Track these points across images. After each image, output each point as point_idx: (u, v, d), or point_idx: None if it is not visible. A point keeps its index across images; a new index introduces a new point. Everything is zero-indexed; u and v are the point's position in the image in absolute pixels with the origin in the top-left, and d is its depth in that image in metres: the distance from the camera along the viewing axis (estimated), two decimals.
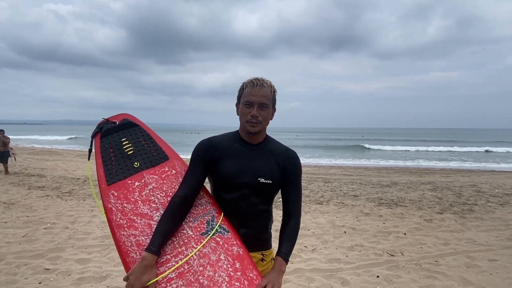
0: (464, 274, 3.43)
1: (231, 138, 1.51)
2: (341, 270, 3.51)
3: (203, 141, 1.52)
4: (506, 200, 7.34)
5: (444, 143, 41.15)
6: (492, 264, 3.70)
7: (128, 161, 1.59)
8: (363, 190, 8.51)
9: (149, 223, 1.40)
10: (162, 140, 1.74)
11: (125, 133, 1.70)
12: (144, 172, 1.57)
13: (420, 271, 3.50)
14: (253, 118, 1.41)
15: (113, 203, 1.45)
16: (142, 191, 1.50)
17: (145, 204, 1.46)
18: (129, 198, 1.47)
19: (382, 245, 4.32)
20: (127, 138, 1.68)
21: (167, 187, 1.53)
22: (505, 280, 3.29)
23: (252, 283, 1.31)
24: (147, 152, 1.65)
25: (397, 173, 12.81)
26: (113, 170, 1.55)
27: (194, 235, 1.40)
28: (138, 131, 1.73)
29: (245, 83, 1.46)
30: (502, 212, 6.22)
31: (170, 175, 1.58)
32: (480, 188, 8.95)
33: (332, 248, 4.18)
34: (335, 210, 6.30)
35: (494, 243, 4.40)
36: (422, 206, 6.70)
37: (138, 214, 1.43)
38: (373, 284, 3.19)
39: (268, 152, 1.51)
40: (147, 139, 1.71)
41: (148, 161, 1.61)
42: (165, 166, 1.61)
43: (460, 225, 5.29)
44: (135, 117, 1.80)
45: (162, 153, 1.67)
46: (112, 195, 1.47)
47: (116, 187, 1.50)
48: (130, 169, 1.57)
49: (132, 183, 1.52)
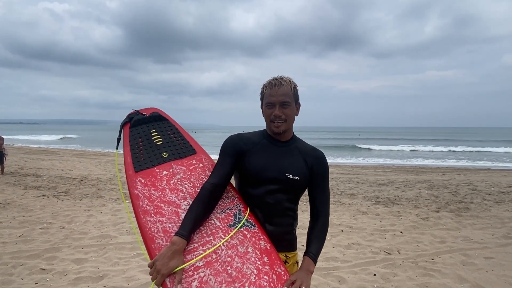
0: (460, 271, 3.45)
1: (260, 135, 1.54)
2: (338, 269, 3.52)
3: (232, 135, 1.55)
4: (501, 198, 7.39)
5: (441, 142, 41.36)
6: (488, 262, 3.72)
7: (157, 151, 1.63)
8: (360, 189, 8.54)
9: (176, 211, 1.40)
10: (190, 136, 1.79)
11: (154, 125, 1.75)
12: (172, 162, 1.59)
13: (416, 269, 3.51)
14: (276, 118, 1.43)
15: (140, 189, 1.45)
16: (170, 180, 1.52)
17: (173, 192, 1.47)
18: (157, 185, 1.48)
19: (379, 243, 4.33)
20: (156, 130, 1.72)
21: (194, 179, 1.55)
22: (500, 278, 3.32)
23: (281, 278, 1.28)
24: (176, 145, 1.69)
25: (393, 172, 12.86)
26: (141, 158, 1.58)
27: (222, 226, 1.39)
28: (167, 124, 1.78)
29: (265, 84, 1.48)
30: (498, 210, 6.27)
31: (198, 168, 1.61)
32: (476, 186, 9.00)
33: (329, 246, 4.19)
34: (332, 208, 6.31)
35: (490, 241, 4.43)
36: (418, 204, 6.73)
37: (166, 201, 1.43)
38: (370, 282, 3.20)
39: (295, 150, 1.52)
40: (176, 133, 1.76)
41: (176, 153, 1.65)
42: (193, 159, 1.64)
43: (456, 223, 5.32)
44: (164, 112, 1.85)
45: (190, 147, 1.70)
46: (140, 181, 1.48)
47: (143, 174, 1.51)
48: (159, 158, 1.60)
49: (160, 171, 1.54)
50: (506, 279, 3.28)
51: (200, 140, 2.13)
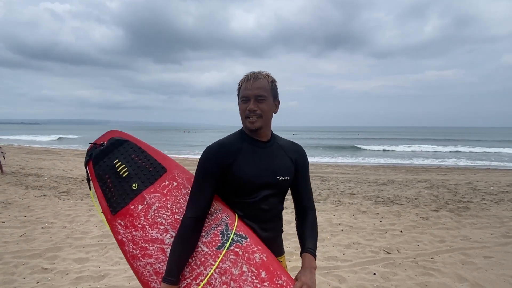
0: (460, 271, 3.45)
1: (239, 138, 1.40)
2: (338, 268, 3.52)
3: (211, 147, 1.36)
4: (501, 197, 7.39)
5: (440, 141, 41.33)
6: (487, 261, 3.72)
7: (126, 184, 1.48)
8: (360, 188, 8.54)
9: (161, 247, 1.33)
10: (156, 150, 1.61)
11: (115, 153, 1.57)
12: (144, 192, 1.46)
13: (416, 268, 3.52)
14: (251, 113, 1.32)
15: (122, 234, 1.37)
16: (147, 214, 1.40)
17: (153, 228, 1.37)
18: (136, 224, 1.38)
19: (378, 242, 4.33)
20: (119, 159, 1.55)
21: (171, 204, 1.42)
22: (500, 277, 3.32)
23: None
24: (143, 169, 1.53)
25: (393, 171, 12.86)
26: (113, 198, 1.46)
27: (210, 251, 1.29)
28: (129, 147, 1.60)
29: (242, 79, 1.38)
30: (497, 209, 6.26)
31: (172, 189, 1.47)
32: (475, 185, 9.00)
33: (329, 246, 4.19)
34: (332, 208, 6.31)
35: (489, 240, 4.43)
36: (418, 204, 6.73)
37: (149, 240, 1.34)
38: (370, 282, 3.20)
39: (279, 149, 1.43)
40: (140, 153, 1.58)
41: (146, 179, 1.50)
42: (165, 180, 1.49)
43: (455, 222, 5.32)
44: (122, 132, 1.66)
45: (159, 166, 1.53)
46: (120, 225, 1.39)
47: (121, 216, 1.41)
48: (130, 192, 1.47)
49: (135, 207, 1.43)
50: (506, 278, 3.28)
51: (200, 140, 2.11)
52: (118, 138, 1.61)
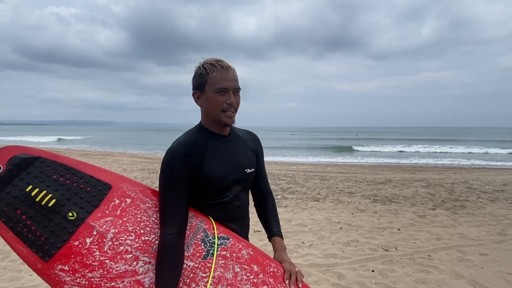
0: (456, 268, 3.44)
1: (201, 135, 1.25)
2: (337, 265, 3.52)
3: (175, 150, 1.17)
4: (496, 196, 7.37)
5: (436, 141, 41.31)
6: (483, 258, 3.71)
7: (57, 216, 1.10)
8: (358, 187, 8.53)
9: (136, 280, 1.07)
10: (88, 164, 1.24)
11: (25, 178, 1.13)
12: (89, 220, 1.12)
13: (413, 265, 3.51)
14: (230, 107, 1.19)
15: (70, 282, 1.04)
16: (102, 246, 1.09)
17: (116, 260, 1.08)
18: (90, 263, 1.06)
19: (377, 240, 4.32)
20: (33, 184, 1.13)
21: (132, 225, 1.14)
22: (495, 274, 3.31)
23: (276, 276, 1.19)
24: (77, 191, 1.16)
25: (391, 171, 12.84)
26: (40, 239, 1.07)
27: (197, 264, 1.14)
28: (44, 165, 1.17)
29: (208, 66, 1.18)
30: (493, 207, 6.25)
31: (127, 207, 1.17)
32: (471, 184, 8.98)
33: (328, 243, 4.19)
34: (331, 206, 6.31)
35: (485, 238, 4.42)
36: (415, 202, 6.71)
37: (115, 276, 1.06)
38: (369, 278, 3.20)
39: (240, 140, 1.35)
40: (65, 171, 1.18)
41: (86, 203, 1.14)
42: (113, 199, 1.18)
43: (452, 220, 5.31)
44: (25, 147, 1.22)
45: (99, 183, 1.19)
46: (63, 271, 1.05)
47: (61, 260, 1.06)
48: (67, 225, 1.10)
49: (81, 242, 1.08)
50: (501, 275, 3.28)
51: None
52: (24, 156, 1.16)
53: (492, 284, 3.10)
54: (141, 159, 15.93)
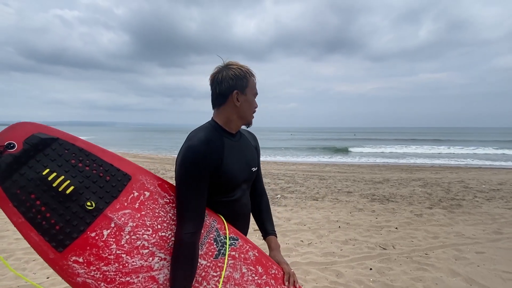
0: (453, 266, 3.43)
1: (216, 134, 1.23)
2: (336, 263, 3.51)
3: (198, 147, 1.11)
4: (492, 195, 7.36)
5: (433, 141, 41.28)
6: (480, 256, 3.70)
7: (74, 204, 1.02)
8: (356, 187, 8.52)
9: (150, 276, 1.03)
10: (107, 152, 1.16)
11: (42, 159, 1.03)
12: (107, 211, 1.05)
13: (411, 264, 3.50)
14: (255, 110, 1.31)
15: (84, 274, 0.98)
16: (119, 239, 1.03)
17: (133, 255, 1.03)
18: (106, 257, 1.00)
19: (374, 239, 4.31)
20: (51, 168, 1.03)
21: (150, 220, 1.09)
22: (491, 272, 3.30)
23: (276, 278, 1.22)
24: (96, 179, 1.08)
25: (388, 170, 12.82)
26: (55, 228, 0.99)
27: (209, 263, 1.13)
28: (62, 148, 1.07)
29: (247, 71, 1.24)
30: (489, 206, 6.24)
31: (145, 201, 1.12)
32: (468, 184, 8.97)
33: (327, 242, 4.18)
34: (330, 206, 6.30)
35: (481, 236, 4.41)
36: (412, 201, 6.70)
37: (131, 271, 1.01)
38: (367, 276, 3.19)
39: (246, 139, 1.38)
40: (84, 157, 1.09)
41: (105, 193, 1.07)
42: (133, 191, 1.12)
43: (448, 219, 5.30)
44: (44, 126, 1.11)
45: (119, 173, 1.12)
46: (77, 263, 0.98)
47: (76, 251, 0.99)
48: (84, 215, 1.02)
49: (98, 234, 1.02)
50: (497, 273, 3.26)
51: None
52: (43, 136, 1.06)
53: (488, 282, 3.09)
54: (143, 159, 15.92)
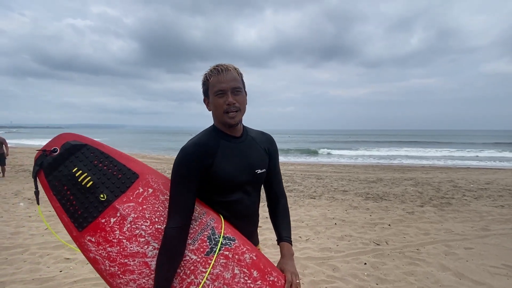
0: (443, 261, 3.42)
1: (214, 136, 1.21)
2: (332, 258, 3.50)
3: (187, 148, 1.15)
4: (480, 194, 7.34)
5: (424, 143, 41.19)
6: (468, 252, 3.69)
7: (92, 196, 1.21)
8: (351, 186, 8.51)
9: (144, 261, 1.12)
10: (123, 154, 1.32)
11: (73, 161, 1.26)
12: (115, 203, 1.20)
13: (403, 259, 3.49)
14: (231, 106, 1.15)
15: (95, 252, 1.13)
16: (122, 227, 1.16)
17: (131, 241, 1.14)
18: (111, 240, 1.14)
19: (369, 235, 4.31)
20: (78, 167, 1.25)
21: (149, 213, 1.19)
22: (479, 266, 3.29)
23: (275, 286, 1.12)
24: (110, 177, 1.24)
25: (382, 170, 12.81)
26: (78, 213, 1.19)
27: (199, 258, 1.13)
28: (89, 152, 1.29)
29: (207, 74, 1.18)
30: (477, 205, 6.22)
31: (148, 196, 1.22)
32: (457, 183, 8.95)
33: (324, 238, 4.17)
34: (327, 204, 6.29)
35: (469, 233, 4.40)
36: (404, 200, 6.69)
37: (129, 255, 1.12)
38: (361, 270, 3.18)
39: (253, 141, 1.29)
40: (103, 159, 1.29)
41: (116, 188, 1.23)
42: (138, 187, 1.23)
43: (439, 217, 5.29)
44: (78, 135, 1.34)
45: (129, 172, 1.26)
46: (90, 242, 1.15)
47: (90, 232, 1.16)
48: (98, 204, 1.19)
49: (106, 221, 1.17)
50: (485, 268, 3.26)
51: None
52: (75, 143, 1.29)
53: (477, 276, 3.08)
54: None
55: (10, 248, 3.59)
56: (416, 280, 3.00)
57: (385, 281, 2.97)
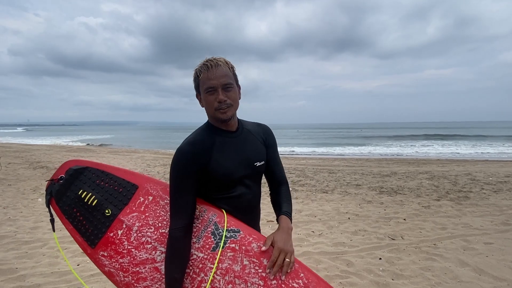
0: (461, 256, 3.33)
1: (209, 133, 1.21)
2: (346, 253, 3.46)
3: (183, 149, 1.15)
4: (499, 187, 7.10)
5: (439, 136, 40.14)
6: (488, 247, 3.58)
7: (98, 213, 1.30)
8: (365, 180, 8.38)
9: (154, 267, 1.17)
10: (120, 169, 1.43)
11: (78, 184, 1.38)
12: (120, 215, 1.28)
13: (419, 254, 3.42)
14: (222, 104, 1.14)
15: (109, 265, 1.21)
16: (129, 237, 1.23)
17: (139, 249, 1.20)
18: (121, 251, 1.21)
19: (383, 229, 4.23)
20: (83, 189, 1.36)
21: (153, 219, 1.25)
22: (500, 262, 3.18)
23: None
24: (112, 192, 1.34)
25: (396, 164, 12.56)
26: (89, 231, 1.29)
27: (206, 255, 1.15)
28: (90, 173, 1.41)
29: (197, 69, 1.17)
30: (496, 198, 6.02)
31: (149, 204, 1.28)
32: (475, 176, 8.68)
33: (337, 233, 4.13)
34: (339, 198, 6.22)
35: (489, 228, 4.26)
36: (420, 193, 6.54)
37: (139, 263, 1.18)
38: (376, 266, 3.13)
39: (249, 134, 1.29)
40: (104, 177, 1.39)
41: (118, 202, 1.31)
42: (139, 197, 1.31)
43: (456, 211, 5.15)
44: (79, 160, 1.48)
45: (128, 184, 1.35)
46: (103, 257, 1.23)
47: (102, 247, 1.25)
48: (105, 220, 1.28)
49: (114, 234, 1.25)
50: (506, 263, 3.15)
51: None
52: (76, 167, 1.41)
53: (497, 271, 2.98)
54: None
55: (30, 242, 3.70)
56: (434, 275, 2.93)
57: (401, 276, 2.92)
